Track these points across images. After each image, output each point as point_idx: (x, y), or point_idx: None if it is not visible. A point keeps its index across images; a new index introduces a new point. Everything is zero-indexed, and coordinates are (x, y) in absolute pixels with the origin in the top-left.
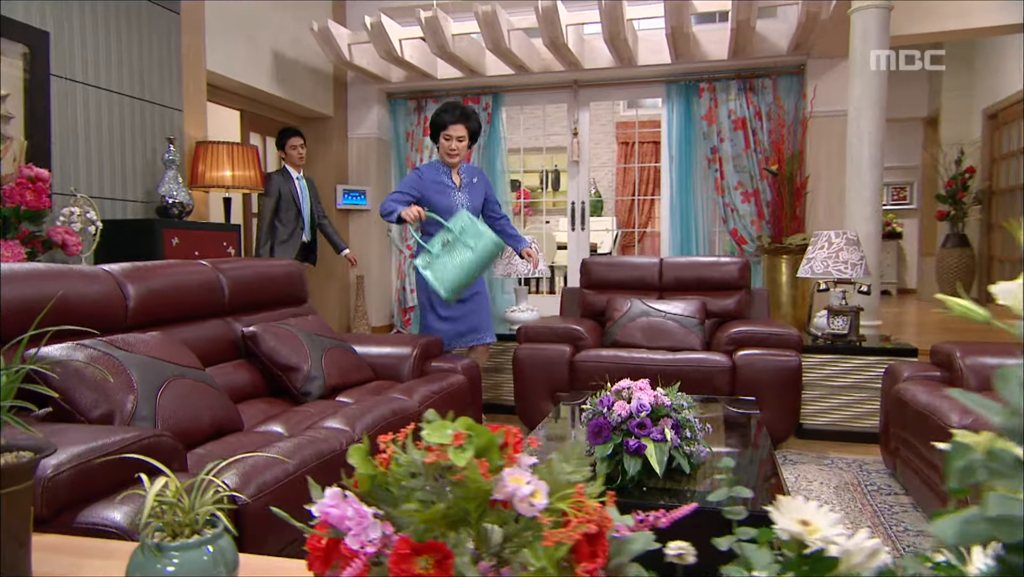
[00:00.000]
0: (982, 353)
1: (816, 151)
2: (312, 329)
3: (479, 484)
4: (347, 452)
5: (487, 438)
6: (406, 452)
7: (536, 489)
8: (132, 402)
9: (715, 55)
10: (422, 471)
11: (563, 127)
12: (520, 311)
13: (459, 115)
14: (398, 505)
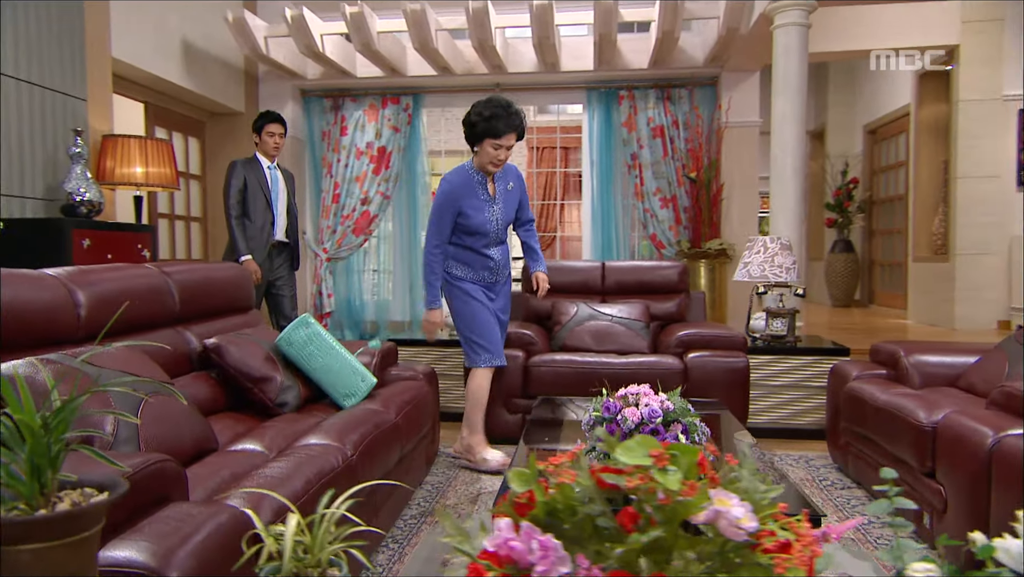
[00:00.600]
0: (923, 352)
1: (730, 160)
2: (269, 338)
3: (688, 508)
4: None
5: (691, 458)
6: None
7: (745, 512)
8: (112, 424)
9: (636, 64)
10: (596, 496)
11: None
12: None
13: (517, 124)
14: (565, 532)
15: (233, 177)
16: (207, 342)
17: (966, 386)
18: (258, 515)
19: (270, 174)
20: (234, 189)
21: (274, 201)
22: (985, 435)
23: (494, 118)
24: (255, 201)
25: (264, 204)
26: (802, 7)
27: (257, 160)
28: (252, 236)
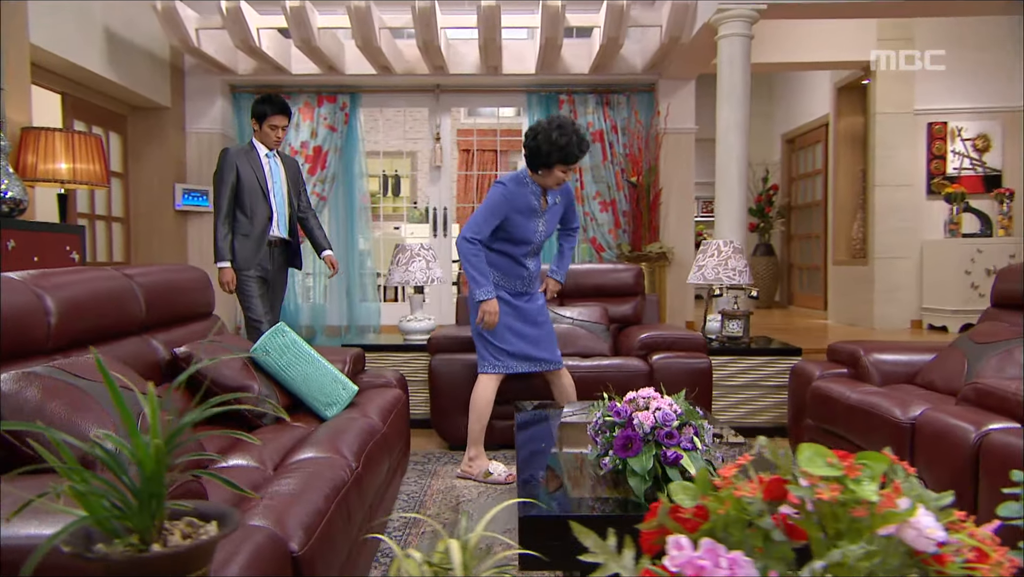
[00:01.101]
0: (880, 351)
1: (668, 165)
2: (241, 346)
3: (889, 519)
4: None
5: (882, 466)
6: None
7: (932, 521)
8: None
9: (576, 69)
10: (765, 508)
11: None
12: (416, 320)
13: (587, 148)
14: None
15: (225, 169)
16: (178, 351)
17: (925, 383)
18: (285, 533)
19: (268, 164)
20: (225, 185)
21: (272, 195)
22: (968, 430)
23: (569, 146)
24: (252, 196)
25: (261, 198)
26: (745, 19)
27: (254, 148)
28: (247, 234)
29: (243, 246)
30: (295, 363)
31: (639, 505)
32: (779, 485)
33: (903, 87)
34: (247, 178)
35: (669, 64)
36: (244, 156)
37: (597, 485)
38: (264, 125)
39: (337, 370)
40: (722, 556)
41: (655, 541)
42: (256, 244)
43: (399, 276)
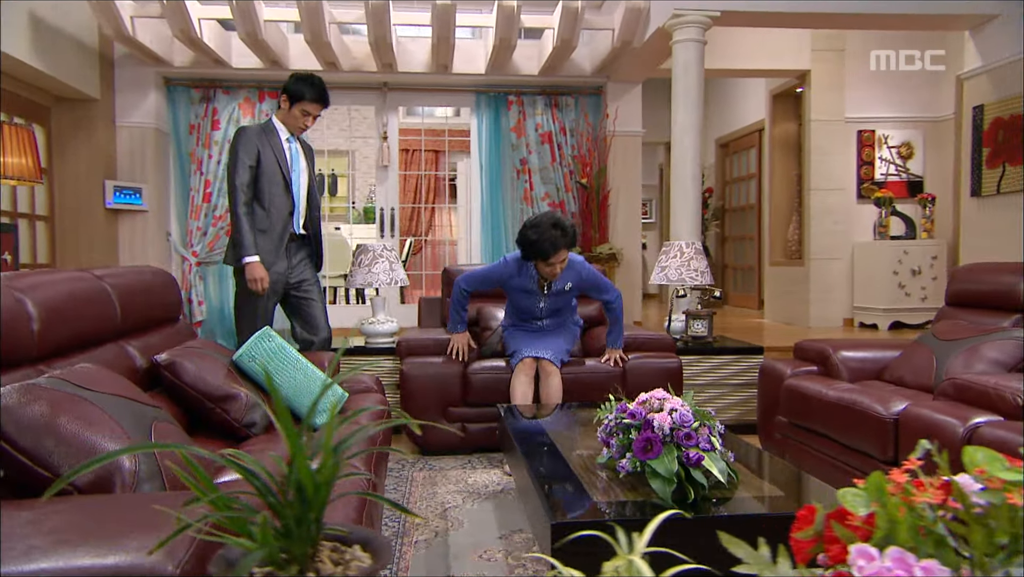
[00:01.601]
0: (847, 348)
1: (616, 167)
2: (222, 352)
3: None
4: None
5: None
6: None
7: None
8: (131, 458)
9: (526, 70)
10: (938, 514)
11: (345, 128)
12: (379, 323)
13: (565, 243)
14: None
15: (243, 150)
16: (158, 358)
17: (894, 379)
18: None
19: (289, 148)
20: (243, 166)
21: (294, 184)
22: (956, 424)
23: (539, 242)
24: (271, 184)
25: (283, 187)
26: (699, 25)
27: (274, 129)
28: (265, 229)
29: (266, 242)
30: (283, 369)
31: (658, 507)
32: (949, 490)
33: (835, 96)
34: (268, 164)
35: (618, 67)
36: (264, 137)
37: (616, 488)
38: (296, 107)
39: (326, 376)
40: (915, 565)
41: (811, 550)
42: (276, 242)
43: (362, 278)
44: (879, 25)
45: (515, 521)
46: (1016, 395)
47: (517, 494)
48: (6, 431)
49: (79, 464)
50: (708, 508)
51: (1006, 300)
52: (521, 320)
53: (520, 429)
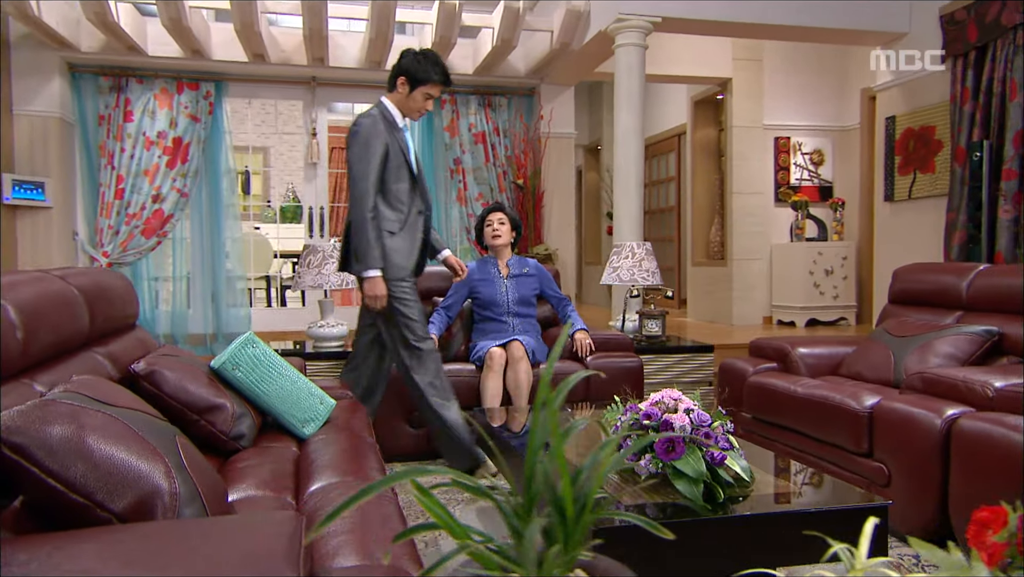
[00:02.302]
0: (804, 345)
1: (549, 169)
2: (198, 359)
3: None
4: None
5: None
6: None
7: None
8: (168, 480)
9: (460, 69)
10: None
11: (259, 124)
12: (329, 326)
13: (495, 206)
14: None
15: (375, 143)
16: (136, 368)
17: (852, 374)
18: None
19: (406, 138)
20: (376, 162)
21: (419, 178)
22: (933, 417)
23: (482, 214)
24: (398, 181)
25: (409, 185)
26: (641, 29)
27: (389, 115)
28: (395, 231)
29: (400, 243)
30: (268, 377)
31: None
32: None
33: (754, 104)
34: (394, 157)
35: (553, 69)
36: (387, 126)
37: (638, 491)
38: (418, 90)
39: (313, 384)
40: None
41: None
42: (411, 243)
43: (311, 279)
44: (803, 37)
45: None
46: (986, 387)
47: None
48: (35, 455)
49: (115, 487)
50: (739, 507)
51: (948, 298)
52: (489, 320)
53: (505, 432)
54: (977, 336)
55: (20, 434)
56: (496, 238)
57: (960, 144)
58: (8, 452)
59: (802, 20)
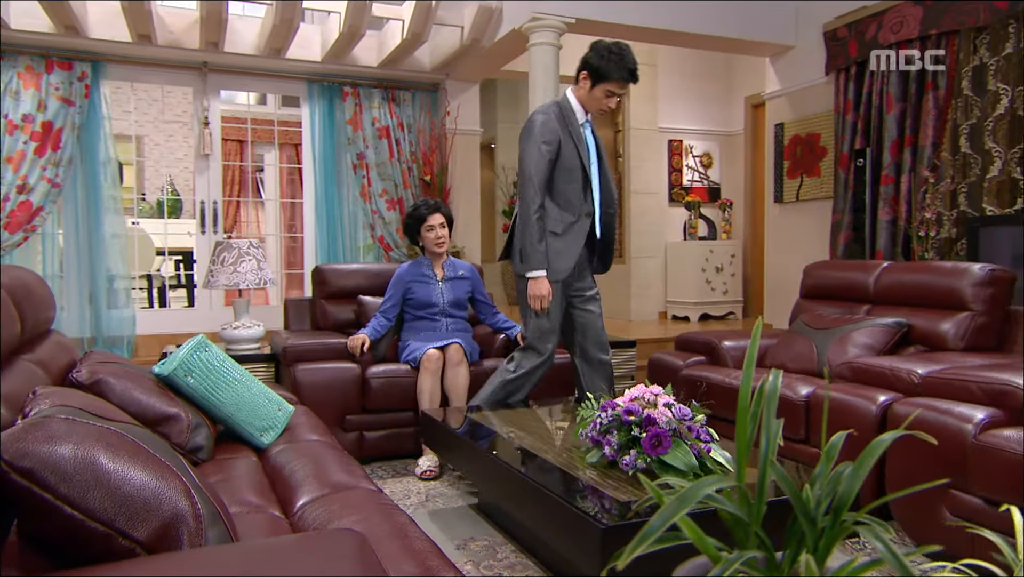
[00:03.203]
0: (728, 339)
1: (456, 165)
2: (139, 365)
3: None
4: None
5: None
6: None
7: None
8: (189, 500)
9: (364, 61)
10: None
11: (131, 111)
12: (245, 327)
13: (433, 205)
14: None
15: (544, 136)
16: (77, 376)
17: (776, 365)
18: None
19: (586, 133)
20: (544, 158)
21: (593, 179)
22: (867, 404)
23: (417, 209)
24: (568, 179)
25: (581, 181)
26: (555, 29)
27: (572, 110)
28: (558, 230)
29: (564, 245)
30: (223, 384)
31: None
32: None
33: (649, 107)
34: (567, 154)
35: (460, 65)
36: (563, 121)
37: (626, 487)
38: (599, 87)
39: (270, 389)
40: None
41: None
42: (574, 243)
43: (225, 278)
44: (706, 45)
45: (463, 530)
46: (911, 375)
47: (480, 502)
48: (47, 480)
49: (136, 512)
50: None
51: (857, 293)
52: (421, 319)
53: (472, 434)
54: (889, 327)
55: (28, 457)
56: (440, 245)
57: (843, 151)
58: (18, 478)
59: (705, 29)
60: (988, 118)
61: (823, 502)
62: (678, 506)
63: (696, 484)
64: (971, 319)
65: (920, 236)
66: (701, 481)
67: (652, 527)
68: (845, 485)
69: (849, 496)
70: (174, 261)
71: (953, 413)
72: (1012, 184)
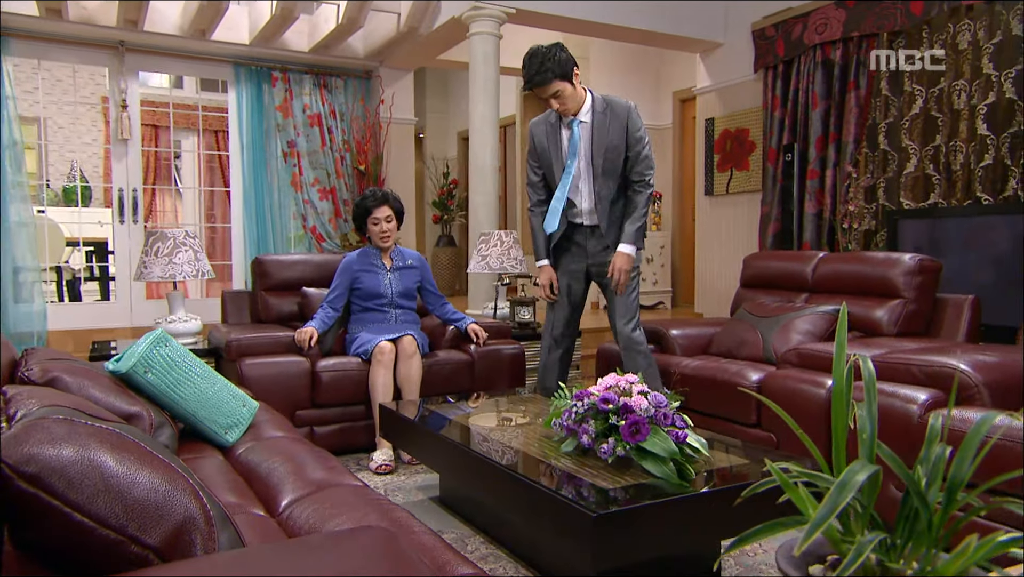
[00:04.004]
0: (675, 327)
1: (391, 155)
2: (76, 360)
3: None
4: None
5: None
6: None
7: None
8: (198, 502)
9: (294, 46)
10: None
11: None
12: (181, 321)
13: (381, 197)
14: None
15: (529, 144)
16: (28, 374)
17: (722, 352)
18: None
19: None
20: (531, 160)
21: (569, 170)
22: (816, 389)
23: (363, 200)
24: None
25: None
26: (495, 18)
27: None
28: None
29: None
30: (185, 380)
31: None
32: None
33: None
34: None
35: (394, 53)
36: (547, 123)
37: (606, 474)
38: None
39: (233, 384)
40: None
41: None
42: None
43: (160, 270)
44: (640, 40)
45: (429, 524)
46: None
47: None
48: (54, 486)
49: (146, 516)
50: (712, 481)
51: (796, 282)
52: (370, 310)
53: (439, 427)
54: (828, 314)
55: (33, 462)
56: (385, 240)
57: (772, 146)
58: (24, 485)
59: (640, 24)
60: (904, 117)
61: (934, 484)
62: (840, 494)
63: (850, 472)
64: (903, 306)
65: (844, 228)
66: (851, 469)
67: (821, 515)
68: (955, 468)
69: (961, 478)
70: (86, 252)
71: (899, 395)
72: (926, 180)
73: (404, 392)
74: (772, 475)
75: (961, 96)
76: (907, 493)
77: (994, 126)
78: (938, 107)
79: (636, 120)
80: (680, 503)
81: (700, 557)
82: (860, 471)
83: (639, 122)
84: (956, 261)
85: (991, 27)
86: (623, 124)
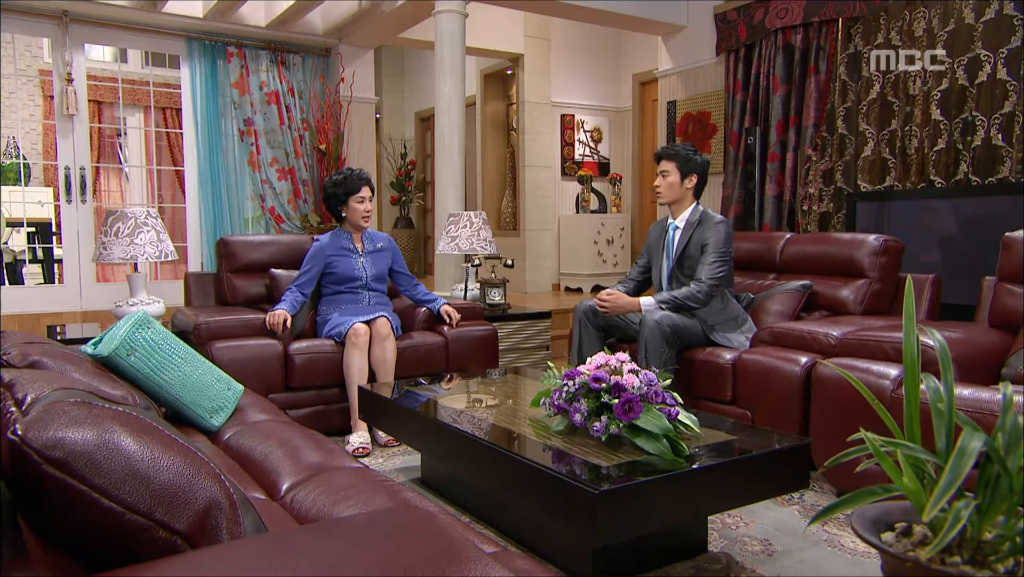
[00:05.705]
0: None
1: (352, 134)
2: (54, 343)
3: None
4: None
5: None
6: None
7: None
8: (221, 485)
9: (251, 20)
10: None
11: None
12: (143, 303)
13: (366, 178)
14: None
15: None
16: (5, 357)
17: None
18: None
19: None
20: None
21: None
22: (791, 366)
23: (343, 181)
24: None
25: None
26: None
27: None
28: None
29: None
30: (169, 363)
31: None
32: None
33: (542, 80)
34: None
35: (355, 30)
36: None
37: (602, 452)
38: None
39: (216, 367)
40: None
41: None
42: None
43: (121, 251)
44: (602, 20)
45: None
46: (828, 337)
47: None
48: (80, 471)
49: (172, 500)
50: (707, 456)
51: (765, 262)
52: (341, 293)
53: (427, 408)
54: (797, 292)
55: (59, 446)
56: (367, 219)
57: (733, 129)
58: (52, 470)
59: (603, 4)
60: (862, 102)
61: (1013, 450)
62: (961, 462)
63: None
64: (868, 285)
65: (804, 210)
66: (965, 437)
67: (949, 480)
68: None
69: None
70: (26, 233)
71: (872, 371)
72: (882, 163)
73: (378, 374)
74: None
75: (916, 82)
76: (987, 459)
77: (947, 111)
78: (894, 92)
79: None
80: (678, 478)
81: (689, 530)
82: (973, 439)
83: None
84: (909, 242)
85: (944, 15)
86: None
